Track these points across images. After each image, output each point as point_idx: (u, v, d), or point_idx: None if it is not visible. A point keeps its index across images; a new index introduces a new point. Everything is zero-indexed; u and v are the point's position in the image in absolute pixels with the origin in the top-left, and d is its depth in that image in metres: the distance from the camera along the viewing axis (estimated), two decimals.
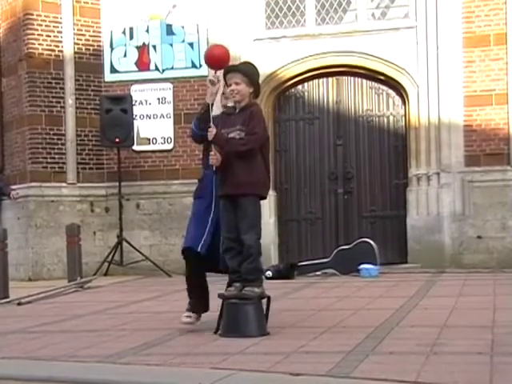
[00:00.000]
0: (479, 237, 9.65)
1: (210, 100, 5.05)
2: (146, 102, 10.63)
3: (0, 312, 6.95)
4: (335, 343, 4.52)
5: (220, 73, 5.12)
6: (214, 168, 4.99)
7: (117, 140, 10.15)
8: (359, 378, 3.58)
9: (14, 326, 5.87)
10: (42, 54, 10.39)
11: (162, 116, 10.60)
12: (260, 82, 5.40)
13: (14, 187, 10.43)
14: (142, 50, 10.63)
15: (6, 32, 10.79)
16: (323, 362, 3.94)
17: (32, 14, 10.32)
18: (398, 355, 4.07)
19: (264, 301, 5.02)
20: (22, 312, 6.88)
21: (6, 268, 7.80)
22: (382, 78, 10.20)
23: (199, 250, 5.10)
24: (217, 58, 5.05)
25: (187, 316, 5.19)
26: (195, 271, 5.24)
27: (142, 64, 10.63)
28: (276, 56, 10.25)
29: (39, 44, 10.36)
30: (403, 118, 10.18)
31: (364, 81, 10.30)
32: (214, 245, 5.12)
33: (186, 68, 10.45)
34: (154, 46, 10.60)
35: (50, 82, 10.44)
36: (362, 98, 10.31)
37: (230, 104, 5.16)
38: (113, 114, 10.19)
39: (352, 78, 10.33)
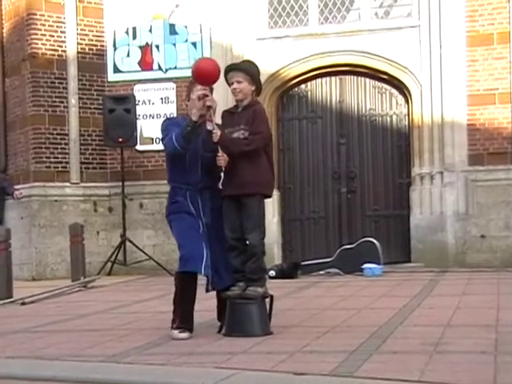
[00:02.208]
0: (483, 236, 9.63)
1: (196, 117, 4.86)
2: (149, 101, 10.63)
3: (4, 312, 6.96)
4: (339, 343, 4.51)
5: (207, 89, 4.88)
6: (222, 169, 4.97)
7: (120, 140, 10.15)
8: (363, 377, 3.58)
9: (18, 325, 5.87)
10: (46, 53, 10.40)
11: (166, 116, 10.58)
12: (263, 81, 5.40)
13: (17, 187, 10.45)
14: (145, 49, 10.63)
15: (10, 32, 10.80)
16: (327, 362, 3.94)
17: (35, 14, 10.33)
18: (401, 354, 4.07)
19: (267, 300, 5.02)
20: (25, 312, 6.89)
21: (9, 268, 7.80)
22: (385, 77, 10.19)
23: (203, 272, 4.90)
24: (206, 72, 4.86)
25: (181, 332, 4.90)
26: (192, 289, 5.05)
27: (145, 64, 10.64)
28: (279, 55, 10.25)
29: (42, 44, 10.37)
30: (406, 117, 10.17)
31: (367, 80, 10.29)
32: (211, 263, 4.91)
33: (189, 68, 10.36)
34: (157, 46, 10.60)
35: (54, 82, 10.45)
36: (365, 97, 10.31)
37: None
38: (116, 114, 10.20)
39: (355, 77, 10.32)
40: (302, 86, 10.52)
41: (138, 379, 3.79)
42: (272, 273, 8.89)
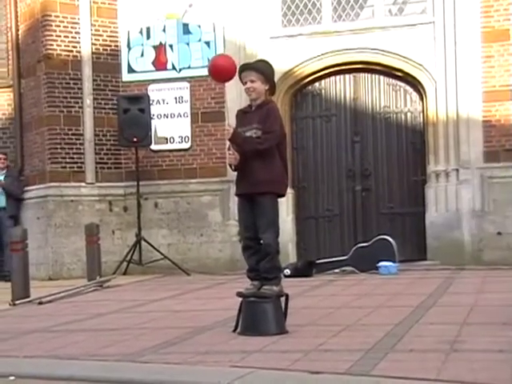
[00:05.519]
0: (499, 233, 9.57)
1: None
2: (164, 101, 10.66)
3: (21, 311, 7.01)
4: (354, 341, 4.51)
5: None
6: (233, 167, 5.00)
7: (135, 139, 10.19)
8: (379, 376, 3.56)
9: (36, 325, 5.91)
10: (60, 54, 10.45)
11: (180, 115, 10.63)
12: (276, 79, 5.38)
13: (33, 187, 10.56)
14: (159, 49, 10.66)
15: (25, 34, 10.87)
16: (342, 360, 3.93)
17: (50, 16, 10.38)
18: (417, 353, 4.06)
19: (282, 299, 5.02)
20: (42, 311, 6.93)
21: (26, 268, 7.84)
22: (399, 74, 10.15)
23: None
24: (223, 69, 4.92)
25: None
26: None
27: (159, 63, 10.66)
28: (292, 54, 10.23)
29: (57, 45, 10.42)
30: (421, 114, 10.13)
31: (381, 77, 10.25)
32: None
33: (203, 67, 10.40)
34: (171, 46, 10.62)
35: (68, 83, 10.50)
36: (379, 95, 10.27)
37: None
38: (130, 114, 10.23)
39: (369, 74, 10.29)
40: (316, 84, 10.50)
41: (155, 378, 3.80)
42: (287, 271, 8.88)
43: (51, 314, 6.68)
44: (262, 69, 5.09)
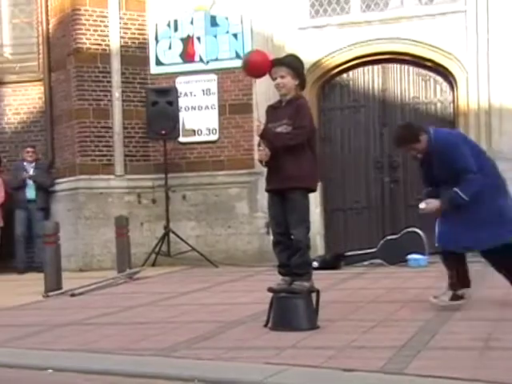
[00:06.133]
0: None
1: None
2: (191, 93, 10.68)
3: (54, 303, 7.10)
4: (386, 337, 4.50)
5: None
6: (263, 163, 5.01)
7: (163, 132, 10.23)
8: (413, 374, 3.56)
9: (69, 317, 5.99)
10: (90, 48, 10.50)
11: (207, 107, 10.64)
12: (304, 71, 5.37)
13: (64, 180, 10.66)
14: (187, 41, 10.67)
15: (55, 28, 10.94)
16: (376, 358, 3.93)
17: (80, 10, 10.43)
18: (452, 350, 4.04)
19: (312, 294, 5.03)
20: (75, 303, 7.01)
21: (59, 260, 7.94)
22: (429, 64, 10.05)
23: None
24: (258, 65, 4.97)
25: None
26: None
27: (187, 56, 10.67)
28: (320, 44, 10.17)
29: (87, 39, 10.48)
30: (451, 104, 10.03)
31: (411, 67, 10.16)
32: None
33: (231, 59, 10.45)
34: (199, 38, 10.62)
35: (98, 76, 10.55)
36: (408, 85, 10.19)
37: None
38: (159, 107, 10.27)
39: (398, 65, 10.20)
40: (344, 75, 10.44)
41: (189, 374, 3.84)
42: (315, 264, 8.83)
43: (83, 306, 6.75)
44: (292, 64, 5.08)
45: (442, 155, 5.22)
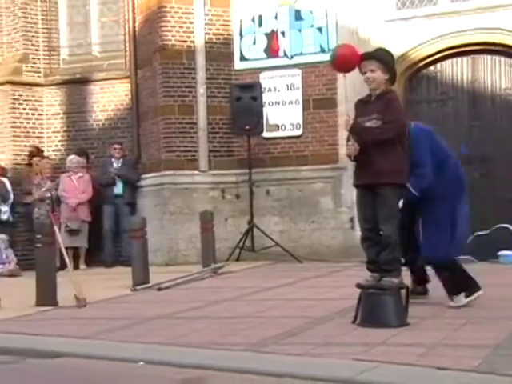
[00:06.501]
0: None
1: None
2: (275, 88, 10.66)
3: (142, 297, 7.23)
4: (480, 336, 4.37)
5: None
6: (352, 158, 4.95)
7: (247, 127, 10.27)
8: (509, 375, 3.43)
9: (157, 311, 6.08)
10: (175, 45, 10.63)
11: (291, 102, 10.61)
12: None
13: (149, 175, 10.84)
14: (271, 36, 10.66)
15: (142, 25, 11.14)
16: (469, 357, 3.81)
17: (165, 7, 10.58)
18: None
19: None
20: (162, 297, 7.12)
21: (146, 254, 8.07)
22: None
23: None
24: (347, 60, 4.94)
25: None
26: None
27: (272, 51, 10.66)
28: (407, 37, 9.97)
29: (172, 36, 10.61)
30: None
31: (502, 58, 9.83)
32: None
33: (315, 53, 10.38)
34: (283, 33, 10.60)
35: (183, 73, 10.68)
36: (499, 76, 9.87)
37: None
38: (243, 102, 10.31)
39: (488, 55, 9.89)
40: (431, 67, 10.21)
41: (279, 370, 3.82)
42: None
43: (170, 300, 6.85)
44: (383, 58, 5.02)
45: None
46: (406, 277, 5.24)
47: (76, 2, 11.93)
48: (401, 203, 5.09)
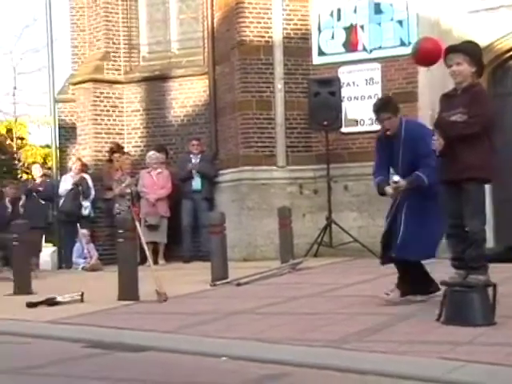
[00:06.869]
0: None
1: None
2: (354, 83, 10.54)
3: (222, 292, 7.28)
4: None
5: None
6: (437, 153, 4.83)
7: (325, 123, 10.19)
8: None
9: (237, 306, 6.10)
10: (253, 40, 10.65)
11: (370, 97, 10.44)
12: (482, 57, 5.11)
13: (227, 171, 10.90)
14: (350, 30, 10.54)
15: (220, 22, 11.21)
16: None
17: (243, 3, 10.60)
18: None
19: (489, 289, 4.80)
20: (241, 293, 7.14)
21: (225, 250, 8.11)
22: None
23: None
24: (430, 54, 4.90)
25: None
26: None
27: (351, 45, 10.54)
28: (492, 27, 9.65)
29: (250, 31, 10.63)
30: None
31: None
32: None
33: (395, 47, 10.20)
34: (362, 26, 10.46)
35: (260, 68, 10.69)
36: None
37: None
38: (321, 97, 10.24)
39: None
40: None
41: (362, 367, 3.77)
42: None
43: (249, 295, 6.86)
44: (470, 50, 4.88)
45: (411, 142, 5.54)
46: (492, 274, 5.06)
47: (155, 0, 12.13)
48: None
